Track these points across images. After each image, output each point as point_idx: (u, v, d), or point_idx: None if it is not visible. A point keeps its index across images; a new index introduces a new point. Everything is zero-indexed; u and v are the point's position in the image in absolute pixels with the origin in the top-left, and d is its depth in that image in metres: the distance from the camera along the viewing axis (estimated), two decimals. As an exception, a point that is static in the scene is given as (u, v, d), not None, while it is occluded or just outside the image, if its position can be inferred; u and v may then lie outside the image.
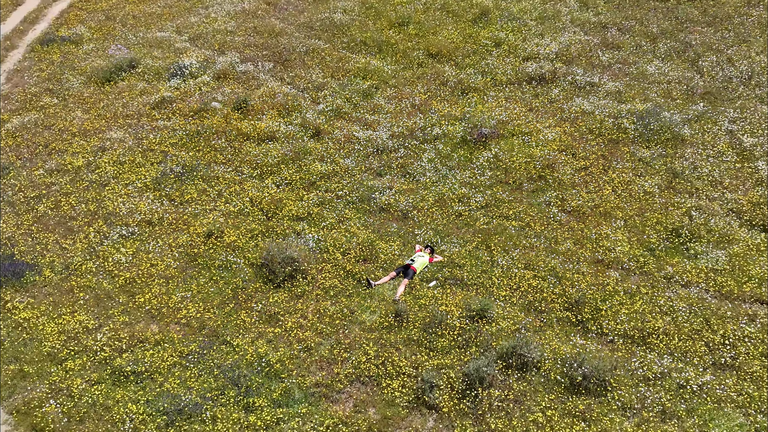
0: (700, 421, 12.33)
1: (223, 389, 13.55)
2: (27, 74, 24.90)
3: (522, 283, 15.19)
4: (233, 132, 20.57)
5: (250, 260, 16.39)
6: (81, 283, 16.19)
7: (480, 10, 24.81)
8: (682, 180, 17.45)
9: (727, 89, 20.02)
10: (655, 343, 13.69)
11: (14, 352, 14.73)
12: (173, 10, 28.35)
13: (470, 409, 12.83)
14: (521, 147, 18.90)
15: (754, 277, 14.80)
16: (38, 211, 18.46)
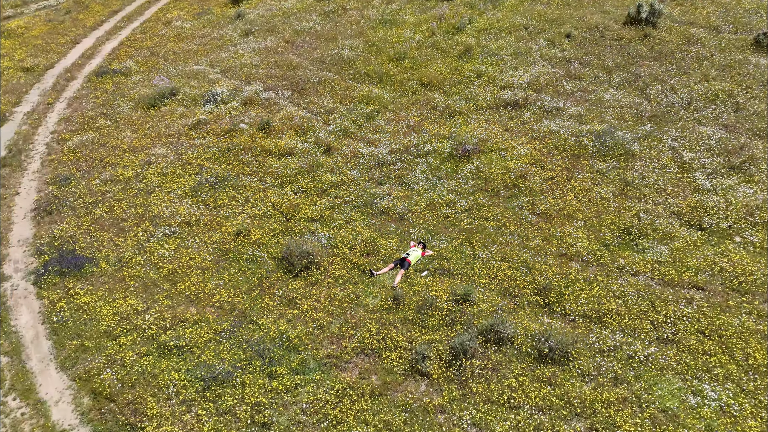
0: (645, 386, 12.72)
1: (251, 360, 13.95)
2: (84, 100, 25.39)
3: (499, 272, 15.60)
4: (258, 148, 21.02)
5: (273, 254, 16.80)
6: (131, 274, 16.61)
7: (464, 48, 25.28)
8: (632, 188, 17.87)
9: (670, 113, 20.46)
10: (609, 321, 14.09)
11: (76, 330, 15.14)
12: (207, 47, 28.86)
13: (455, 376, 13.22)
14: (498, 161, 19.33)
15: (692, 267, 15.21)
16: (95, 214, 18.89)
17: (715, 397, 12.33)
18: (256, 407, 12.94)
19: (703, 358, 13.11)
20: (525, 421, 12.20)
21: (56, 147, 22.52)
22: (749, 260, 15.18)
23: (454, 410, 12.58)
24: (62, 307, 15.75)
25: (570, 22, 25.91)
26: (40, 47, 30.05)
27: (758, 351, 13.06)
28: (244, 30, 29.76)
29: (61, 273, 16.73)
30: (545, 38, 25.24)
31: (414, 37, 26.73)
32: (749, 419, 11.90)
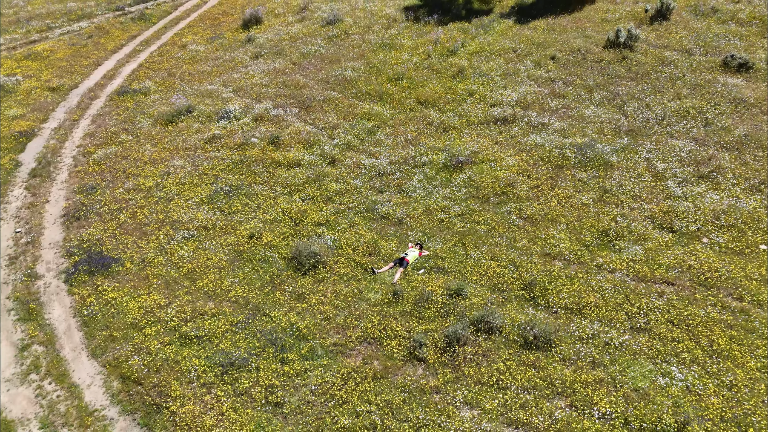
0: (620, 368, 13.70)
1: (264, 347, 14.93)
2: (107, 117, 26.60)
3: (489, 270, 16.65)
4: (268, 160, 22.17)
5: (283, 255, 17.84)
6: (154, 272, 17.64)
7: (458, 69, 26.62)
8: (610, 195, 18.99)
9: (645, 127, 21.69)
10: (588, 312, 15.12)
11: (105, 322, 16.13)
12: (220, 68, 30.19)
13: (449, 361, 14.20)
14: (489, 171, 20.49)
15: (663, 265, 16.27)
16: (119, 219, 19.96)
17: (682, 378, 13.32)
18: (269, 389, 13.89)
19: (672, 344, 14.12)
20: (512, 400, 13.16)
21: (82, 159, 23.66)
22: (715, 258, 16.25)
23: (448, 390, 13.54)
24: (92, 302, 16.75)
25: (555, 46, 27.28)
26: (64, 69, 31.37)
27: (721, 338, 14.07)
28: (254, 53, 31.11)
29: (89, 272, 17.75)
30: (532, 60, 26.57)
31: (411, 59, 28.08)
32: (712, 397, 12.87)
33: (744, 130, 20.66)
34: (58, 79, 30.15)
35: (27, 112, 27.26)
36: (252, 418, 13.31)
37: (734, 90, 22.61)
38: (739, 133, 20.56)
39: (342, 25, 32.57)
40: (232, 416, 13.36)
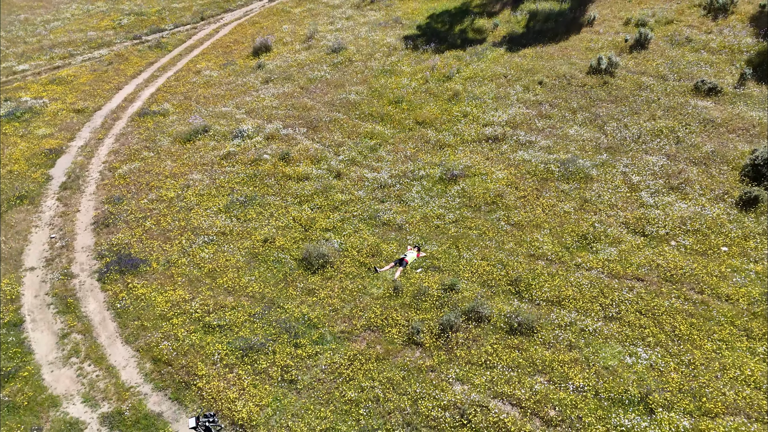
0: (593, 350, 15.71)
1: (279, 334, 16.95)
2: (130, 136, 29.02)
3: (479, 268, 18.75)
4: (279, 174, 24.47)
5: (294, 256, 19.97)
6: (178, 272, 19.74)
7: (453, 93, 29.16)
8: (590, 204, 21.21)
9: (622, 145, 24.05)
10: (567, 304, 17.17)
11: (136, 314, 18.16)
12: (232, 92, 32.77)
13: (443, 345, 16.21)
14: (480, 183, 22.76)
15: (634, 263, 18.39)
16: (145, 226, 22.14)
17: (647, 358, 15.33)
18: (284, 368, 15.87)
19: (639, 330, 16.16)
20: (498, 376, 15.15)
21: (108, 174, 25.97)
22: (681, 258, 18.38)
23: (442, 369, 15.53)
24: (123, 297, 18.82)
25: (542, 72, 29.90)
26: (88, 92, 33.96)
27: (682, 324, 16.11)
28: (264, 78, 33.75)
29: (120, 271, 19.85)
30: (521, 85, 29.14)
31: (410, 84, 30.67)
32: (672, 373, 14.86)
33: (711, 147, 23.01)
34: (83, 102, 32.69)
35: (55, 132, 29.69)
36: (269, 393, 15.27)
37: (704, 111, 25.06)
38: (707, 150, 22.91)
39: (346, 52, 35.32)
40: (252, 391, 15.32)
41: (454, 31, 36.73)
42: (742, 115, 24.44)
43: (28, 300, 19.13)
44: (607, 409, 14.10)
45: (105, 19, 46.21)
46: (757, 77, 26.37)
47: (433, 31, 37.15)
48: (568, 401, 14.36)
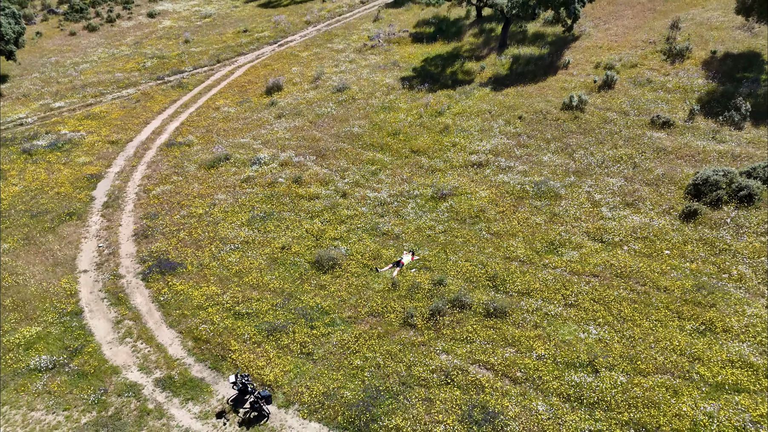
0: (553, 329, 19.50)
1: (297, 319, 20.76)
2: (160, 163, 33.33)
3: (463, 268, 22.70)
4: (293, 194, 28.65)
5: (307, 260, 23.92)
6: (210, 272, 23.66)
7: (444, 126, 33.70)
8: (558, 217, 25.32)
9: (588, 169, 28.35)
10: (534, 294, 21.07)
11: (177, 305, 22.00)
12: (249, 126, 37.31)
13: (432, 326, 20.02)
14: (466, 200, 26.94)
15: (592, 263, 22.34)
16: (179, 237, 26.16)
17: (596, 333, 19.16)
18: (302, 344, 19.65)
19: (592, 313, 20.03)
20: (476, 349, 18.93)
21: (143, 195, 30.15)
22: (630, 259, 22.38)
23: (431, 344, 19.31)
24: (165, 292, 22.69)
25: (522, 108, 34.55)
26: (119, 126, 38.52)
27: (627, 309, 19.99)
28: (277, 114, 38.38)
29: (160, 272, 23.77)
30: (503, 119, 33.73)
31: (406, 118, 35.28)
32: (615, 344, 18.67)
33: (662, 171, 27.32)
34: (116, 134, 37.19)
35: (93, 160, 34.04)
36: (291, 362, 19.01)
37: (657, 141, 29.52)
38: (658, 173, 27.21)
39: (349, 91, 40.11)
40: (277, 361, 19.06)
41: (446, 72, 41.68)
42: (689, 144, 28.89)
43: (84, 295, 22.98)
44: (562, 370, 17.88)
45: (130, 61, 51.35)
46: (704, 113, 30.98)
47: (427, 72, 42.11)
48: (532, 365, 18.13)
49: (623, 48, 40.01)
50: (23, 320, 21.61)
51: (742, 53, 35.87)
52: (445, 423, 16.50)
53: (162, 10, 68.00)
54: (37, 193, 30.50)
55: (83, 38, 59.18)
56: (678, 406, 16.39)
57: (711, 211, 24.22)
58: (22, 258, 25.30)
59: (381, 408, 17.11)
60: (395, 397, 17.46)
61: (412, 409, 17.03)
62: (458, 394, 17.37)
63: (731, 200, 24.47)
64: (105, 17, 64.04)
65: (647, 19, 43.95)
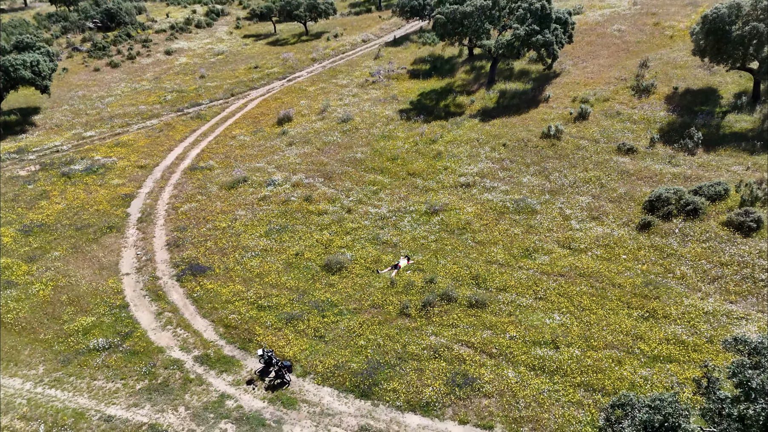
0: (524, 316, 23.66)
1: (311, 310, 24.94)
2: (185, 185, 37.89)
3: (451, 270, 26.96)
4: (304, 210, 33.10)
5: (318, 264, 28.19)
6: (235, 274, 27.91)
7: (437, 152, 38.40)
8: (533, 229, 29.70)
9: (561, 189, 32.87)
10: (510, 290, 25.29)
11: (208, 300, 26.20)
12: (263, 152, 42.03)
13: (424, 315, 24.19)
14: (454, 215, 31.37)
15: (560, 266, 26.63)
16: (206, 246, 30.50)
17: (559, 319, 23.33)
18: (315, 329, 23.79)
19: (557, 304, 24.24)
20: (460, 332, 23.08)
21: (172, 211, 34.61)
22: (592, 263, 26.68)
23: (423, 329, 23.46)
24: (197, 290, 26.92)
25: (506, 137, 39.34)
26: (146, 153, 43.27)
27: (585, 300, 24.20)
28: (288, 141, 43.18)
29: (192, 274, 28.03)
30: (489, 146, 38.48)
31: (404, 145, 40.04)
32: (574, 327, 22.82)
33: (624, 190, 31.85)
34: (143, 160, 41.90)
35: (125, 182, 38.64)
36: (306, 343, 23.13)
37: (622, 165, 34.16)
38: (621, 192, 31.74)
39: (353, 122, 45.02)
40: (295, 342, 23.18)
41: (440, 105, 46.70)
42: (648, 168, 33.53)
43: (128, 293, 27.21)
44: (529, 347, 22.01)
45: (151, 95, 56.56)
46: (663, 141, 35.74)
47: (423, 106, 47.13)
48: (505, 344, 22.27)
49: (598, 84, 45.12)
50: (79, 312, 25.79)
51: (700, 89, 40.90)
52: (433, 386, 20.57)
53: (178, 48, 73.82)
54: (79, 210, 34.97)
55: (107, 74, 64.65)
56: (620, 372, 20.49)
57: (662, 223, 28.65)
58: (72, 263, 29.60)
59: (381, 376, 21.19)
60: (393, 367, 21.56)
61: (406, 376, 21.11)
62: (444, 365, 21.47)
63: (680, 214, 28.94)
64: (126, 54, 69.73)
65: (620, 58, 49.28)
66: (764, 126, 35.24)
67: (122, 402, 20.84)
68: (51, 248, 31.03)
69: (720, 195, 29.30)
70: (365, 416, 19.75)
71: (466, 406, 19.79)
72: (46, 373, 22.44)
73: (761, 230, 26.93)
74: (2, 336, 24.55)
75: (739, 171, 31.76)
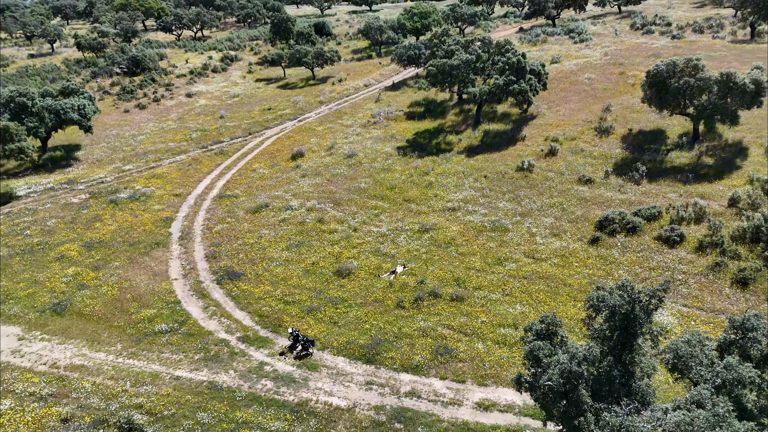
0: (493, 307, 30.62)
1: (326, 303, 31.92)
2: (215, 210, 45.25)
3: (438, 274, 34.02)
4: (317, 230, 40.34)
5: (331, 271, 35.25)
6: (264, 279, 34.95)
7: (428, 182, 45.91)
8: (505, 243, 36.88)
9: (530, 212, 40.20)
10: (483, 288, 32.31)
11: (244, 297, 33.19)
12: (281, 183, 49.53)
13: (416, 307, 31.17)
14: (442, 233, 38.61)
15: (525, 271, 33.71)
16: (239, 257, 37.62)
17: (520, 309, 30.31)
18: (330, 317, 30.73)
19: (519, 299, 31.25)
20: (443, 318, 30.04)
21: (207, 231, 41.85)
22: (550, 269, 33.81)
23: (414, 316, 30.42)
24: (234, 290, 33.93)
25: (487, 170, 46.96)
26: (179, 183, 50.77)
27: (542, 295, 31.24)
28: (301, 174, 50.77)
29: (229, 278, 35.07)
30: (473, 178, 46.05)
31: (401, 177, 47.62)
32: (531, 314, 29.80)
33: (581, 213, 39.23)
34: (178, 189, 49.36)
35: (164, 207, 46.00)
36: (324, 327, 30.02)
37: (581, 193, 41.64)
38: (578, 214, 39.11)
39: (357, 157, 52.72)
40: (315, 326, 30.09)
41: (432, 143, 54.53)
42: (602, 195, 41.01)
43: (179, 293, 34.19)
44: (495, 328, 28.94)
45: (178, 134, 64.52)
46: (615, 173, 43.34)
47: (418, 143, 54.96)
48: (477, 326, 29.21)
49: (567, 126, 53.09)
50: (142, 306, 32.72)
51: (651, 130, 48.80)
52: (421, 354, 27.44)
53: (197, 90, 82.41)
54: (129, 230, 42.22)
55: (135, 114, 72.89)
56: (562, 344, 27.37)
57: (608, 238, 35.91)
58: (130, 271, 36.66)
59: (382, 348, 28.05)
60: (391, 343, 28.44)
61: (401, 348, 27.97)
62: (430, 341, 28.36)
63: (622, 231, 36.23)
64: (151, 97, 78.18)
65: (588, 103, 57.45)
66: (699, 161, 42.89)
67: (185, 367, 27.63)
68: (111, 259, 38.14)
69: (655, 216, 36.66)
70: (370, 375, 26.55)
71: (445, 367, 26.63)
72: (123, 349, 29.25)
73: (683, 243, 34.20)
74: (84, 323, 31.42)
75: (673, 197, 39.20)
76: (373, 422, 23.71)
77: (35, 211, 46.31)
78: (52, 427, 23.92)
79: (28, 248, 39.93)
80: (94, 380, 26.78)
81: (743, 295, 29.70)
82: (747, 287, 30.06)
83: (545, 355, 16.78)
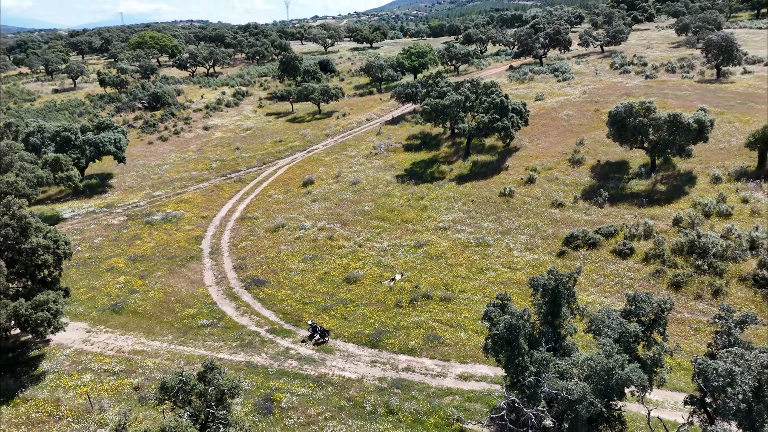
0: (473, 305, 37.77)
1: (337, 304, 39.08)
2: (239, 230, 52.66)
3: (431, 280, 41.23)
4: (328, 245, 47.68)
5: (340, 278, 42.47)
6: (285, 285, 42.17)
7: (423, 206, 53.46)
8: (487, 256, 44.16)
9: (509, 231, 47.60)
10: (467, 292, 39.52)
11: (269, 299, 40.37)
12: (294, 207, 57.07)
13: (412, 306, 38.33)
14: (434, 247, 45.92)
15: (502, 279, 40.92)
16: (262, 268, 44.88)
17: (496, 307, 37.50)
18: (342, 314, 37.86)
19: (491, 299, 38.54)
20: (434, 314, 37.19)
21: (233, 247, 49.18)
22: (522, 276, 41.07)
23: (410, 313, 37.57)
24: (260, 294, 41.11)
25: (474, 195, 54.60)
26: (204, 207, 58.29)
27: (516, 297, 38.47)
28: (312, 199, 58.36)
29: (255, 285, 42.28)
30: (461, 202, 53.64)
31: (399, 201, 55.21)
32: (505, 311, 36.98)
33: (552, 231, 46.67)
34: (204, 212, 56.86)
35: (194, 227, 53.41)
36: (336, 322, 37.13)
37: (553, 215, 49.16)
38: (550, 232, 46.55)
39: (361, 184, 60.38)
40: (329, 321, 37.19)
41: (427, 172, 62.30)
42: (571, 216, 48.54)
43: (214, 296, 41.34)
44: (475, 321, 36.08)
45: (199, 164, 72.34)
46: (583, 198, 50.95)
47: (414, 172, 62.72)
48: (461, 320, 36.35)
49: (546, 157, 60.94)
50: (185, 307, 39.84)
51: (616, 161, 56.61)
52: (415, 341, 34.52)
53: (213, 124, 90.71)
54: (166, 246, 49.56)
55: (158, 146, 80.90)
56: (528, 332, 34.55)
57: (573, 252, 43.28)
58: (171, 279, 43.87)
59: (383, 337, 35.13)
60: (391, 332, 35.54)
61: (399, 337, 35.06)
62: (422, 331, 35.48)
63: (585, 245, 43.61)
64: (172, 130, 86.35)
65: (565, 137, 65.47)
66: (653, 188, 50.52)
67: (226, 351, 34.65)
68: (153, 270, 45.38)
69: (612, 233, 44.09)
70: (374, 356, 33.58)
71: (434, 350, 33.68)
72: (174, 339, 36.28)
73: (633, 255, 41.56)
74: (138, 320, 38.50)
75: (629, 218, 46.69)
76: (377, 388, 30.67)
77: (81, 230, 53.70)
78: (128, 394, 30.84)
79: (82, 261, 47.18)
80: (155, 360, 33.78)
81: (676, 295, 36.95)
82: (679, 289, 37.34)
83: (496, 315, 23.97)
